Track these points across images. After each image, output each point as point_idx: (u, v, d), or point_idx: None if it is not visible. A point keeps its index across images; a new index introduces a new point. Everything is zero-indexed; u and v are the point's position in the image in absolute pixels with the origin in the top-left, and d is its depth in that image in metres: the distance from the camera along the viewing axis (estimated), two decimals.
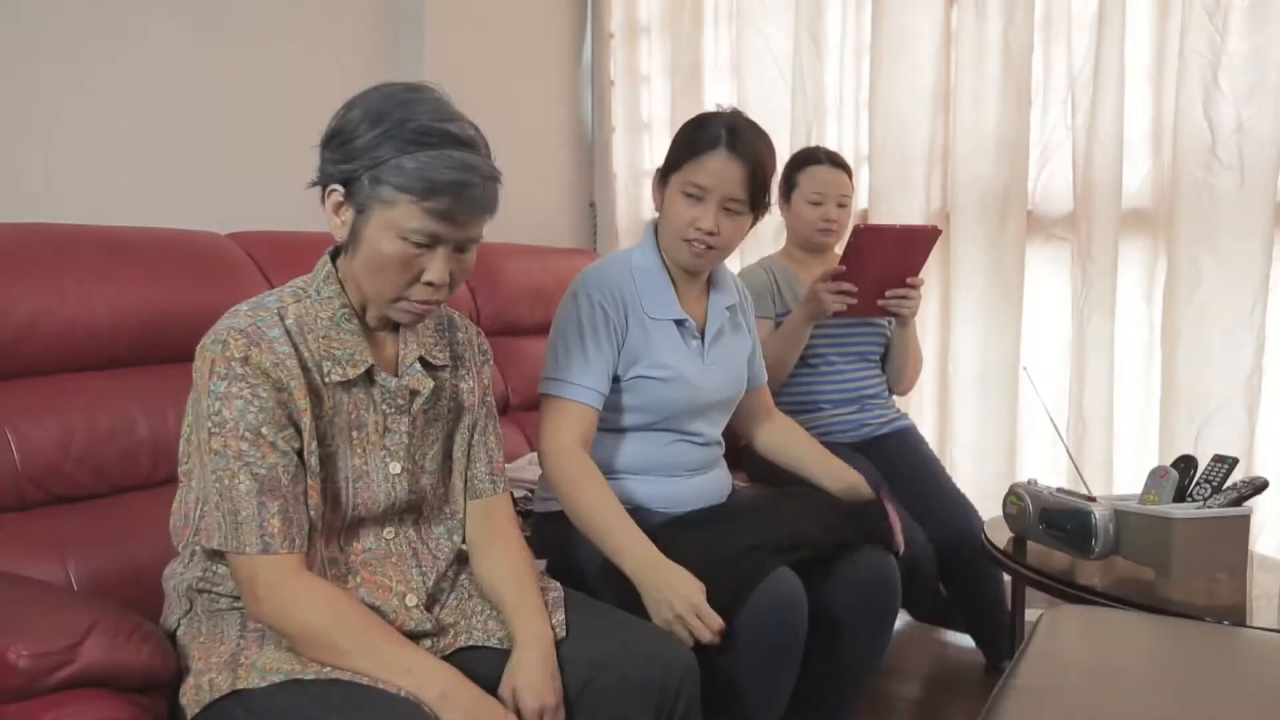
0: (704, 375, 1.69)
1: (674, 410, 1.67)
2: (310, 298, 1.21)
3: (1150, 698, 1.18)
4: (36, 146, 1.82)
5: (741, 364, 1.80)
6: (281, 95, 2.25)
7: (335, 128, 1.15)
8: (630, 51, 3.22)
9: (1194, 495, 1.82)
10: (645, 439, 1.68)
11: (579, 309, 1.62)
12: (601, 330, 1.60)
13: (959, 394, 2.73)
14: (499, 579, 1.31)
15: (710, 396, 1.70)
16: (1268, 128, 2.33)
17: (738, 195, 1.58)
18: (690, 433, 1.70)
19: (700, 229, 1.59)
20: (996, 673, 2.19)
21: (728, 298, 1.77)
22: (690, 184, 1.58)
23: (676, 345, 1.67)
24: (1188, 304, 2.42)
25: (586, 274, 1.67)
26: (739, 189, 1.58)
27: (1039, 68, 2.62)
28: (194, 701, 1.12)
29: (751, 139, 1.59)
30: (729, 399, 1.77)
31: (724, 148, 1.56)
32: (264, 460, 1.12)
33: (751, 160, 1.57)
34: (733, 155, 1.56)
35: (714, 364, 1.72)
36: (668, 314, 1.67)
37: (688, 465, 1.71)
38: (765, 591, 1.43)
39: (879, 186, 2.78)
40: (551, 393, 1.60)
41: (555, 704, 1.18)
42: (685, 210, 1.60)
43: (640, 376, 1.64)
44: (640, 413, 1.66)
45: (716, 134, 1.57)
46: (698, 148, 1.58)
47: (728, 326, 1.76)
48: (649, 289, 1.67)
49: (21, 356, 1.49)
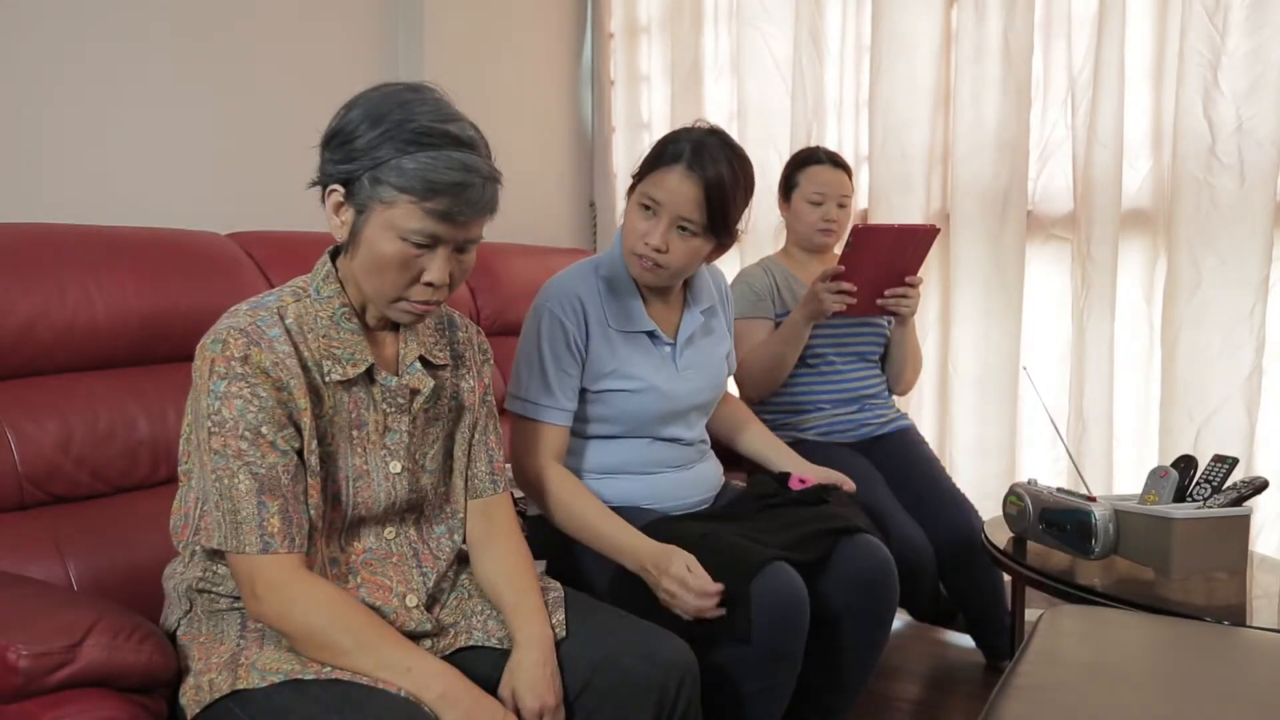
0: (677, 382, 1.68)
1: (646, 419, 1.67)
2: (310, 297, 1.21)
3: (1150, 697, 1.18)
4: (37, 146, 1.82)
5: (719, 365, 1.79)
6: (281, 95, 2.25)
7: (335, 128, 1.15)
8: (630, 51, 3.23)
9: (1194, 495, 1.82)
10: (621, 444, 1.68)
11: (539, 325, 1.61)
12: (561, 347, 1.60)
13: (959, 394, 2.73)
14: (499, 579, 1.31)
15: (684, 402, 1.70)
16: (1268, 128, 2.33)
17: (690, 216, 1.53)
18: (666, 437, 1.70)
19: (648, 243, 1.55)
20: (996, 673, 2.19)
21: (704, 303, 1.75)
22: (646, 196, 1.56)
23: (646, 355, 1.66)
24: (1188, 304, 2.42)
25: (548, 286, 1.65)
26: (693, 209, 1.53)
27: (1039, 68, 2.62)
28: (194, 701, 1.12)
29: (716, 160, 1.52)
30: (706, 403, 1.77)
31: (683, 164, 1.51)
32: (264, 460, 1.12)
33: (709, 182, 1.51)
34: (690, 173, 1.51)
35: (688, 369, 1.70)
36: (634, 326, 1.65)
37: (668, 463, 1.71)
38: (767, 590, 1.43)
39: (879, 186, 2.78)
40: (520, 413, 1.62)
41: (555, 704, 1.18)
42: (638, 222, 1.57)
43: (609, 390, 1.63)
44: (612, 422, 1.66)
45: (680, 150, 1.53)
46: (660, 161, 1.55)
47: (700, 331, 1.74)
48: (614, 300, 1.65)
49: (21, 356, 1.49)
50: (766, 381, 2.21)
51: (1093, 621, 1.43)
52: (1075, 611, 1.48)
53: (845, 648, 1.62)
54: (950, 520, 2.15)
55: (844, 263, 2.03)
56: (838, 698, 1.68)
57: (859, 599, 1.60)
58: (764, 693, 1.48)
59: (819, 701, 1.65)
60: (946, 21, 2.71)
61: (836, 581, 1.59)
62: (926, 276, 2.19)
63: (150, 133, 2.00)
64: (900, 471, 2.25)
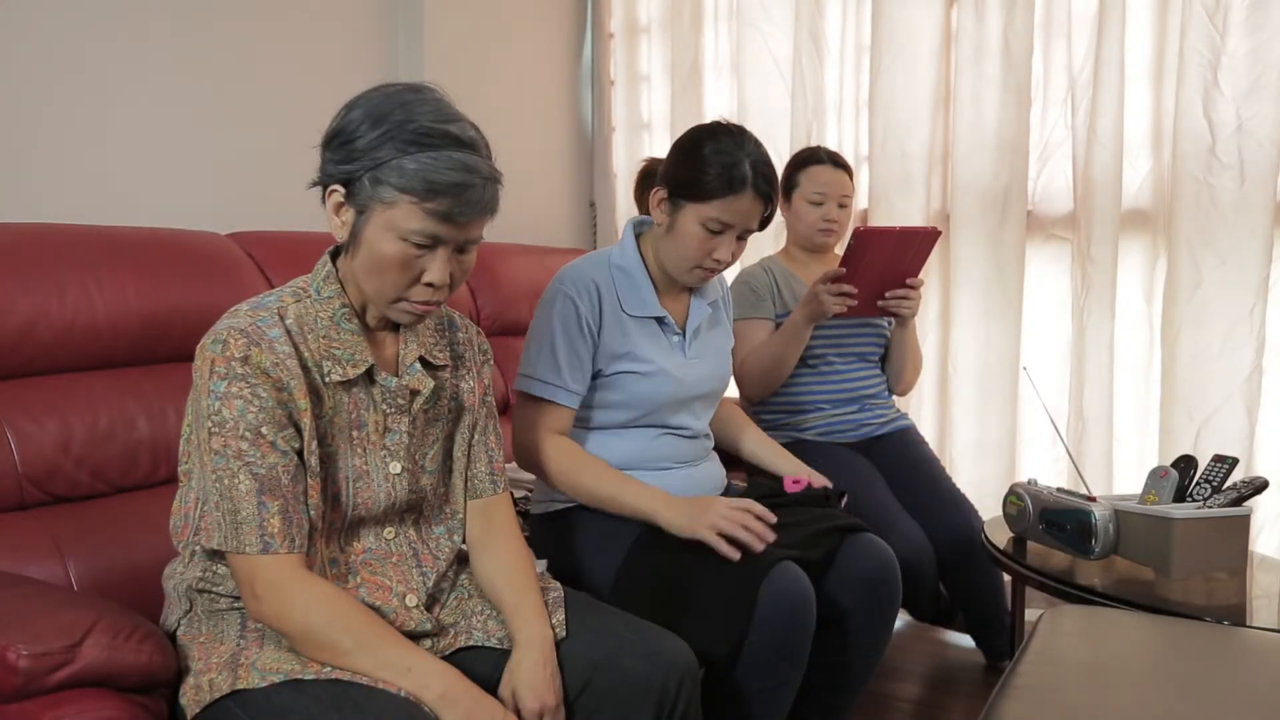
0: (686, 369, 1.71)
1: (657, 404, 1.68)
2: (310, 297, 1.21)
3: (1150, 697, 1.18)
4: (36, 146, 1.82)
5: (725, 357, 1.83)
6: (281, 95, 2.25)
7: (336, 128, 1.15)
8: (630, 51, 3.23)
9: (1194, 495, 1.82)
10: (632, 435, 1.69)
11: (555, 306, 1.64)
12: (574, 328, 1.62)
13: (959, 394, 2.73)
14: (498, 579, 1.31)
15: (693, 390, 1.72)
16: (1268, 128, 2.33)
17: (754, 227, 1.65)
18: (675, 426, 1.72)
19: (717, 259, 1.63)
20: (996, 673, 2.20)
21: (710, 294, 1.79)
22: (715, 220, 1.60)
23: (657, 340, 1.69)
24: (1188, 304, 2.42)
25: (563, 272, 1.69)
26: (756, 222, 1.64)
27: (1039, 67, 2.62)
28: (194, 701, 1.12)
29: (772, 174, 1.62)
30: (713, 392, 1.80)
31: (751, 189, 1.59)
32: (264, 460, 1.12)
33: (772, 198, 1.62)
34: (758, 197, 1.60)
35: (696, 358, 1.74)
36: (647, 311, 1.68)
37: (676, 458, 1.72)
38: (774, 590, 1.44)
39: (879, 186, 2.78)
40: (525, 390, 1.63)
41: (555, 704, 1.18)
42: (704, 242, 1.62)
43: (621, 372, 1.66)
44: (624, 409, 1.68)
45: (744, 174, 1.58)
46: (730, 188, 1.58)
47: (707, 322, 1.78)
48: (628, 288, 1.68)
49: (21, 356, 1.49)
50: (766, 382, 2.21)
51: (1093, 621, 1.43)
52: (1075, 611, 1.48)
53: (848, 647, 1.62)
54: (950, 520, 2.15)
55: (845, 264, 2.03)
56: (839, 697, 1.69)
57: (862, 598, 1.61)
58: (768, 692, 1.48)
59: (820, 701, 1.65)
60: (946, 21, 2.71)
61: (840, 581, 1.59)
62: (926, 277, 2.19)
63: (150, 133, 2.00)
64: (900, 471, 2.25)
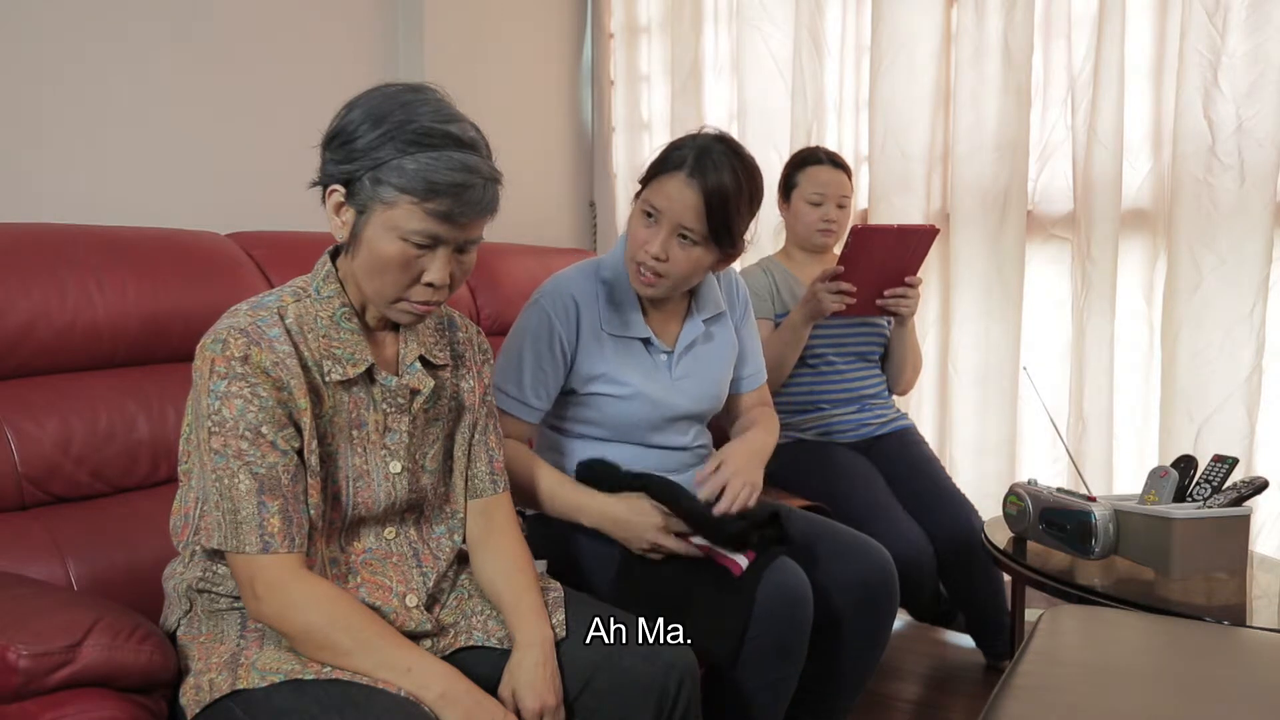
0: (670, 391, 1.64)
1: (634, 425, 1.64)
2: (310, 297, 1.21)
3: (1150, 697, 1.18)
4: (36, 146, 1.82)
5: (719, 374, 1.73)
6: (281, 95, 2.25)
7: (336, 128, 1.15)
8: (630, 51, 3.22)
9: (1194, 495, 1.82)
10: (610, 448, 1.65)
11: (531, 321, 1.59)
12: (544, 346, 1.57)
13: (959, 394, 2.73)
14: (498, 579, 1.31)
15: (675, 411, 1.66)
16: (1268, 128, 2.33)
17: (691, 224, 1.50)
18: (657, 445, 1.67)
19: (648, 251, 1.52)
20: (996, 673, 2.20)
21: (709, 311, 1.70)
22: (648, 203, 1.53)
23: (638, 361, 1.63)
24: (1188, 304, 2.42)
25: (547, 283, 1.64)
26: (693, 218, 1.49)
27: (1039, 67, 2.62)
28: (194, 701, 1.12)
29: (719, 168, 1.48)
30: (702, 412, 1.72)
31: (684, 171, 1.48)
32: (264, 459, 1.12)
33: (710, 190, 1.47)
34: (692, 180, 1.47)
35: (684, 377, 1.66)
36: (629, 331, 1.62)
37: (660, 468, 1.64)
38: (772, 583, 1.44)
39: (879, 186, 2.78)
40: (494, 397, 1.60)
41: (555, 704, 1.18)
42: (639, 230, 1.54)
43: (595, 394, 1.61)
44: (600, 426, 1.65)
45: (683, 156, 1.49)
46: (663, 168, 1.52)
47: (701, 339, 1.69)
48: (611, 304, 1.62)
49: (21, 356, 1.49)
50: None
51: (1093, 621, 1.43)
52: (1075, 611, 1.48)
53: (845, 648, 1.62)
54: (950, 520, 2.15)
55: (843, 263, 2.03)
56: (838, 698, 1.68)
57: (859, 600, 1.60)
58: (767, 689, 1.48)
59: (819, 702, 1.65)
60: (946, 21, 2.71)
61: (837, 582, 1.59)
62: (926, 276, 2.18)
63: (150, 133, 2.00)
64: (900, 471, 2.25)
